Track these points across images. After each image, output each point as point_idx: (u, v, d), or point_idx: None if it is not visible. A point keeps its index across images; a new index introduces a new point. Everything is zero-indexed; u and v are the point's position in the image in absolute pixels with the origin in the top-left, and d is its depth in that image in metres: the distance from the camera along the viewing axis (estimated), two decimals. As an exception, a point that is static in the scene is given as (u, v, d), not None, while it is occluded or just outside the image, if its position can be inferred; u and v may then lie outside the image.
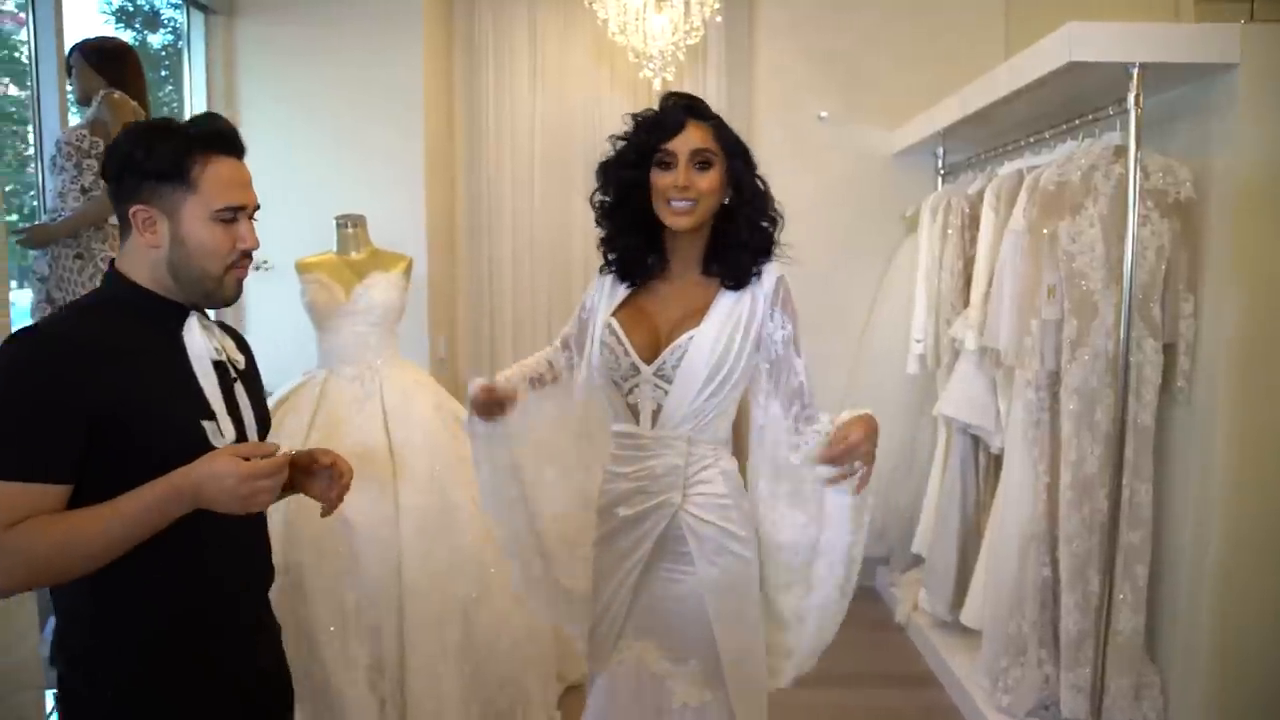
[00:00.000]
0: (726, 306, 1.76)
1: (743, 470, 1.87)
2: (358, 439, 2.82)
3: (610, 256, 1.87)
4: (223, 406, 1.45)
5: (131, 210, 1.41)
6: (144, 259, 1.44)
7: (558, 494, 2.01)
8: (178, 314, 1.47)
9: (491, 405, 1.87)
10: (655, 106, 1.81)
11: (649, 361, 1.76)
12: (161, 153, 1.40)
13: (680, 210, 1.73)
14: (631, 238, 1.82)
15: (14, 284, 2.80)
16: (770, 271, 1.79)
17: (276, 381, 3.41)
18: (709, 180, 1.73)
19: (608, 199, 1.84)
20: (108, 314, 1.42)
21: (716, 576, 1.76)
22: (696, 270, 1.82)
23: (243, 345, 1.61)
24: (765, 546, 1.84)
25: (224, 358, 1.51)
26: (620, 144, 1.81)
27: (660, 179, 1.74)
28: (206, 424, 1.41)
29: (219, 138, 1.45)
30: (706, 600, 1.76)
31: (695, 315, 1.76)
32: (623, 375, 1.79)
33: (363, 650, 2.66)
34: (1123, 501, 2.70)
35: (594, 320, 1.87)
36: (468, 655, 2.74)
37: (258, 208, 1.52)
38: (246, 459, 1.33)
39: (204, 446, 1.39)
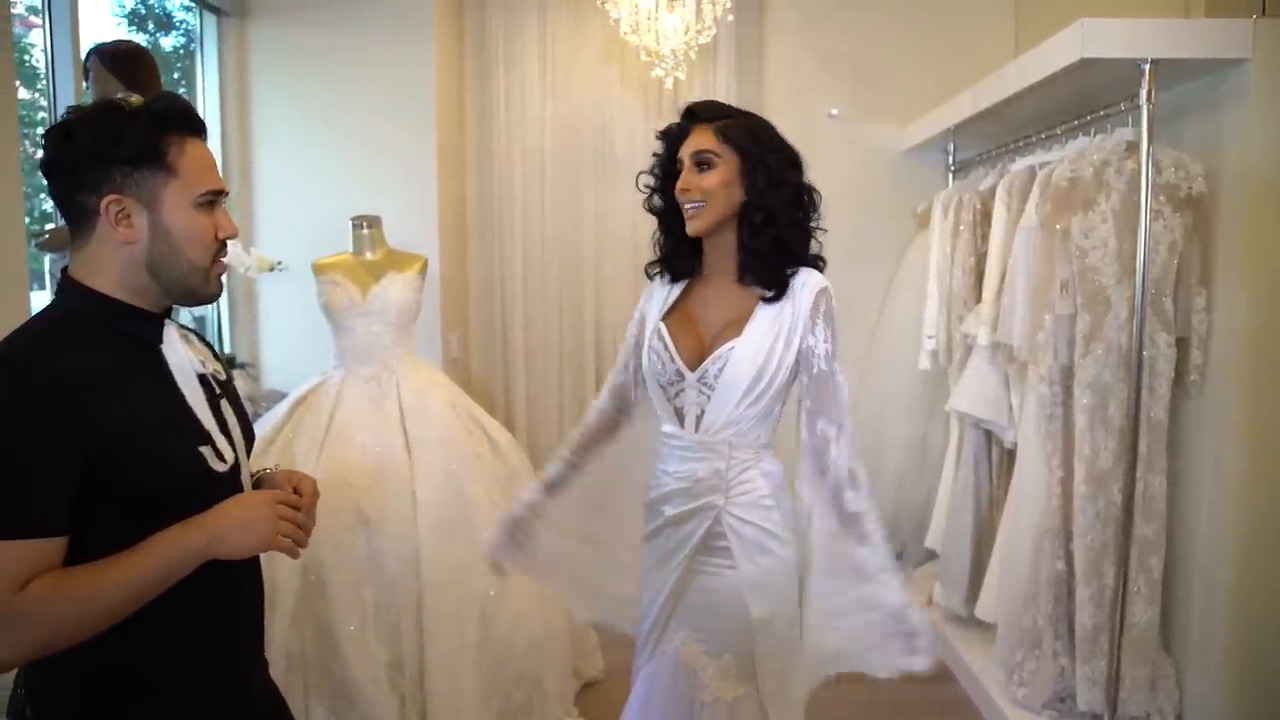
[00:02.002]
0: (767, 317, 1.75)
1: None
2: (374, 438, 2.84)
3: (659, 256, 1.91)
4: (215, 426, 1.33)
5: (104, 203, 1.24)
6: (113, 260, 1.27)
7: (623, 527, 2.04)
8: (152, 324, 1.33)
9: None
10: (665, 105, 1.86)
11: (693, 368, 1.77)
12: (133, 135, 1.24)
13: (690, 213, 1.76)
14: (673, 243, 1.87)
15: (33, 287, 2.82)
16: (813, 283, 1.76)
17: (291, 382, 3.44)
18: (711, 179, 1.73)
19: (655, 207, 1.89)
20: (74, 333, 1.25)
21: (757, 576, 1.77)
22: (732, 276, 1.81)
23: (216, 354, 1.48)
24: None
25: (207, 370, 1.38)
26: (652, 159, 1.87)
27: (676, 187, 1.78)
28: (204, 449, 1.30)
29: (188, 118, 1.31)
30: (747, 599, 1.77)
31: (736, 324, 1.76)
32: (668, 380, 1.80)
33: (382, 648, 2.68)
34: (1136, 495, 2.72)
35: (645, 325, 1.89)
36: (486, 651, 2.75)
37: (227, 194, 1.39)
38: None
39: (204, 475, 1.29)
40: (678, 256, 1.87)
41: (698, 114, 1.79)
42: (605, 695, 3.10)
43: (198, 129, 1.32)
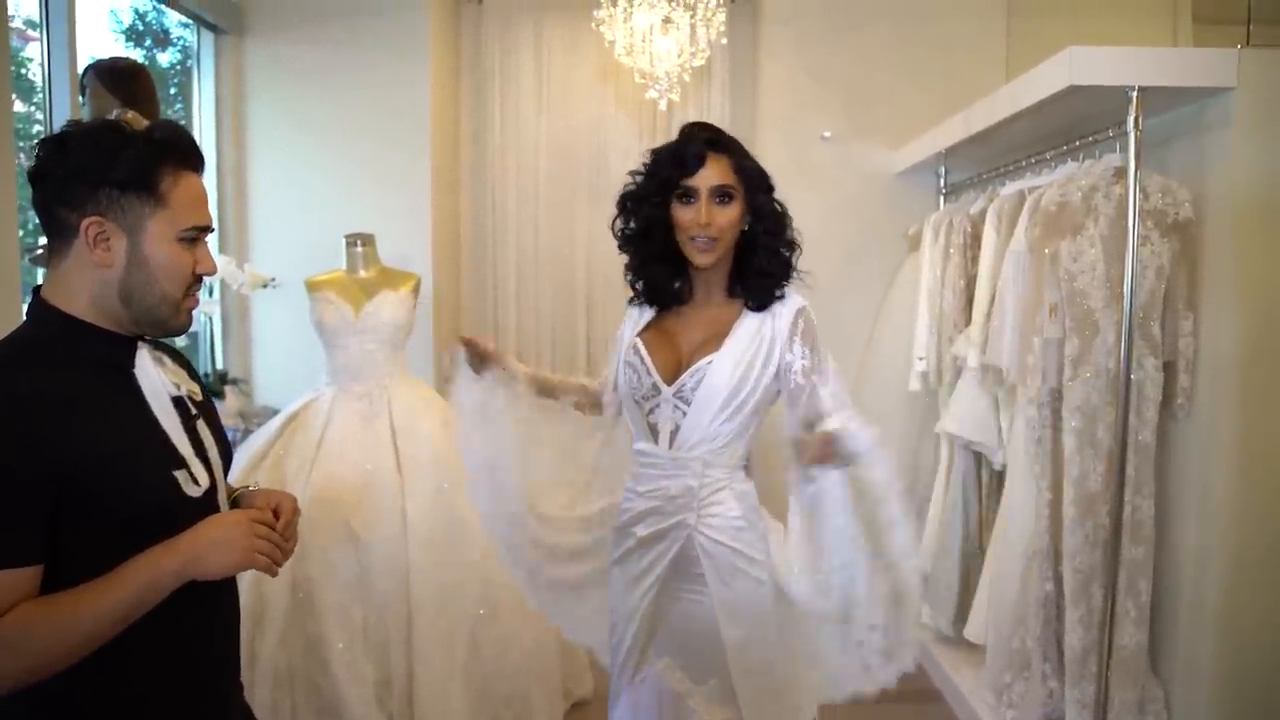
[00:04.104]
0: (749, 331, 1.78)
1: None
2: (365, 456, 2.84)
3: (638, 285, 1.89)
4: (190, 449, 1.31)
5: (84, 224, 1.22)
6: (85, 282, 1.25)
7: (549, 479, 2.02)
8: (123, 347, 1.30)
9: (478, 354, 1.96)
10: (673, 136, 1.82)
11: (670, 382, 1.78)
12: (128, 159, 1.23)
13: (703, 247, 1.75)
14: (657, 268, 1.85)
15: (25, 301, 2.82)
16: (792, 301, 1.80)
17: (283, 398, 3.45)
18: (729, 215, 1.75)
19: (630, 229, 1.86)
20: (44, 358, 1.23)
21: (729, 598, 1.77)
22: (721, 293, 1.84)
23: (192, 372, 1.45)
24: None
25: (182, 392, 1.36)
26: (640, 178, 1.82)
27: (682, 215, 1.76)
28: (178, 473, 1.28)
29: (190, 151, 1.31)
30: (720, 622, 1.76)
31: (717, 338, 1.78)
32: (644, 395, 1.81)
33: (371, 666, 2.67)
34: (1125, 517, 2.73)
35: (621, 343, 1.90)
36: (475, 671, 2.75)
37: (212, 230, 1.37)
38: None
39: (178, 500, 1.28)
40: (663, 285, 1.86)
41: (716, 143, 1.77)
42: (594, 716, 3.09)
43: (195, 163, 1.32)
